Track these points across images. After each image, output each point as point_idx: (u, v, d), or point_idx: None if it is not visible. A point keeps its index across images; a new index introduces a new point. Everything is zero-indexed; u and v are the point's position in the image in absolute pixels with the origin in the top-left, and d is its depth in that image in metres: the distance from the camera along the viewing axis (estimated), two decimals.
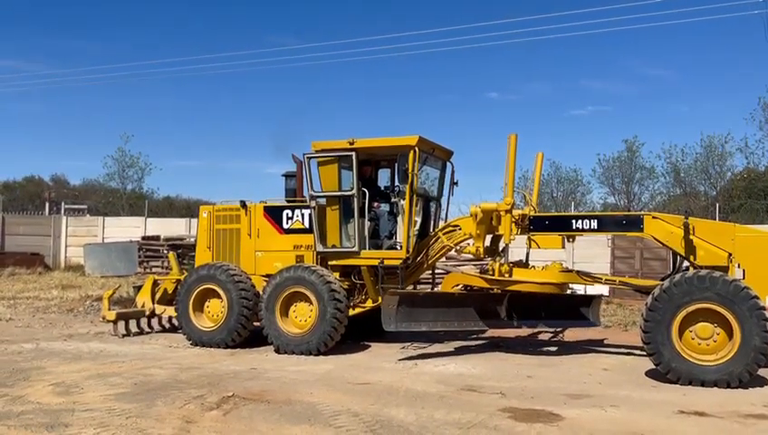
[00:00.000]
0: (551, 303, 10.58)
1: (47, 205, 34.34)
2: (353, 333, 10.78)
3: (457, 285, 10.43)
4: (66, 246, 27.47)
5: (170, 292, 12.02)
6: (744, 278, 8.52)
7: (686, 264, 9.35)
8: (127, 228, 26.68)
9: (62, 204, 31.85)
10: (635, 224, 9.57)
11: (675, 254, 9.57)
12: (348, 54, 65.56)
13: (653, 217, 9.49)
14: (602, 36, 62.10)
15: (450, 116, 61.90)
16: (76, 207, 35.18)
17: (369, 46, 66.63)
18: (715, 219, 19.70)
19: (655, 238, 9.49)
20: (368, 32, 69.90)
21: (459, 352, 10.44)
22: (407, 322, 9.57)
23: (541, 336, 12.37)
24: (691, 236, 9.01)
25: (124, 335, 11.65)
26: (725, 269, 8.69)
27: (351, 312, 10.45)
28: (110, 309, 11.83)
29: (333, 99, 67.86)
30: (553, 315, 10.80)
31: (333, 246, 10.55)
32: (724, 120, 66.78)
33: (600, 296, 11.67)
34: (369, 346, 10.86)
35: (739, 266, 8.74)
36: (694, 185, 32.64)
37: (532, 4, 64.22)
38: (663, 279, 9.04)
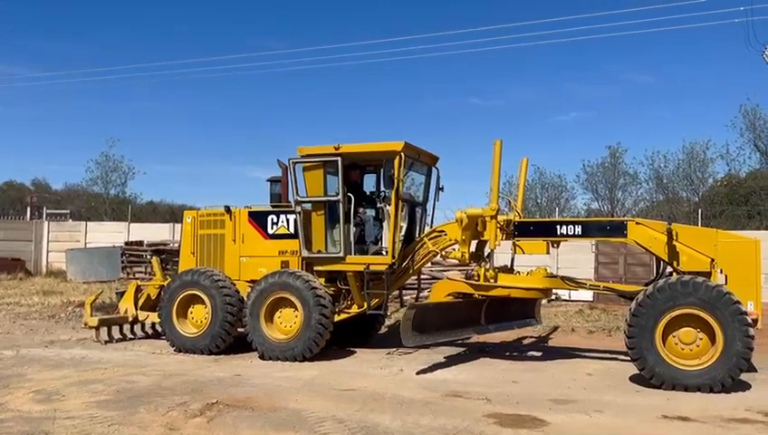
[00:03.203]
0: (509, 306, 10.81)
1: (29, 210, 33.95)
2: (339, 339, 10.74)
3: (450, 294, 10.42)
4: (48, 252, 27.15)
5: (153, 298, 11.93)
6: (726, 283, 8.60)
7: (669, 269, 9.43)
8: (110, 233, 26.41)
9: (44, 209, 31.48)
10: (619, 229, 9.64)
11: (658, 259, 9.65)
12: (332, 60, 65.68)
13: (636, 223, 9.58)
14: (585, 42, 62.64)
15: (434, 122, 62.15)
16: (58, 211, 34.80)
17: (353, 52, 66.80)
18: (697, 225, 19.89)
19: (638, 244, 9.57)
20: (351, 38, 70.10)
21: (445, 357, 10.43)
22: (419, 336, 9.44)
23: (525, 341, 12.42)
24: (674, 242, 9.09)
25: (107, 342, 11.54)
26: (708, 274, 8.77)
27: (337, 317, 10.41)
28: (92, 315, 11.71)
29: (318, 104, 67.90)
30: (510, 317, 11.12)
31: (319, 252, 10.52)
32: (705, 127, 67.65)
33: (541, 298, 11.76)
34: (355, 352, 10.83)
35: (721, 272, 8.83)
36: (676, 191, 32.97)
37: (514, 9, 64.74)
38: (647, 285, 9.11)
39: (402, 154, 10.05)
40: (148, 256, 21.72)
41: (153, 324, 12.11)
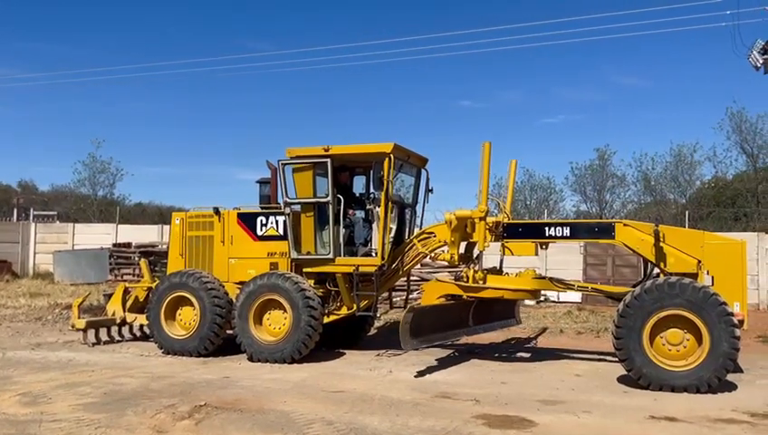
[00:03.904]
0: (493, 307, 10.92)
1: (15, 211, 33.68)
2: (328, 341, 10.73)
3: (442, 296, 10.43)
4: (35, 253, 26.89)
5: (141, 299, 11.86)
6: (712, 285, 8.67)
7: (656, 271, 9.49)
8: (98, 235, 26.19)
9: (31, 210, 31.20)
10: (606, 231, 9.70)
11: (645, 261, 9.72)
12: (323, 62, 65.64)
13: (624, 225, 9.64)
14: (574, 45, 63.02)
15: (425, 124, 62.30)
16: (45, 213, 34.52)
17: (344, 54, 66.79)
18: (684, 227, 20.03)
19: (626, 245, 9.62)
20: (342, 40, 70.17)
21: (434, 358, 10.44)
22: (416, 339, 9.42)
23: (514, 343, 12.46)
24: (661, 244, 9.16)
25: (94, 344, 11.46)
26: (695, 276, 8.84)
27: (326, 319, 10.41)
28: (79, 317, 11.63)
29: (308, 106, 67.87)
30: (494, 318, 11.26)
31: (308, 253, 10.51)
32: (692, 130, 68.15)
33: (521, 299, 11.80)
34: (344, 354, 10.82)
35: (708, 273, 8.90)
36: (664, 193, 33.14)
37: (505, 12, 65.01)
38: (634, 286, 9.17)
39: (391, 156, 10.06)
40: (137, 258, 21.59)
41: (141, 326, 12.05)
